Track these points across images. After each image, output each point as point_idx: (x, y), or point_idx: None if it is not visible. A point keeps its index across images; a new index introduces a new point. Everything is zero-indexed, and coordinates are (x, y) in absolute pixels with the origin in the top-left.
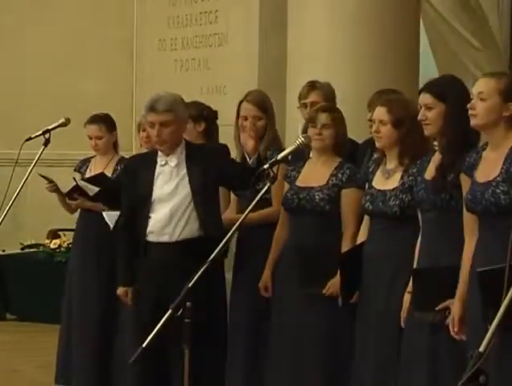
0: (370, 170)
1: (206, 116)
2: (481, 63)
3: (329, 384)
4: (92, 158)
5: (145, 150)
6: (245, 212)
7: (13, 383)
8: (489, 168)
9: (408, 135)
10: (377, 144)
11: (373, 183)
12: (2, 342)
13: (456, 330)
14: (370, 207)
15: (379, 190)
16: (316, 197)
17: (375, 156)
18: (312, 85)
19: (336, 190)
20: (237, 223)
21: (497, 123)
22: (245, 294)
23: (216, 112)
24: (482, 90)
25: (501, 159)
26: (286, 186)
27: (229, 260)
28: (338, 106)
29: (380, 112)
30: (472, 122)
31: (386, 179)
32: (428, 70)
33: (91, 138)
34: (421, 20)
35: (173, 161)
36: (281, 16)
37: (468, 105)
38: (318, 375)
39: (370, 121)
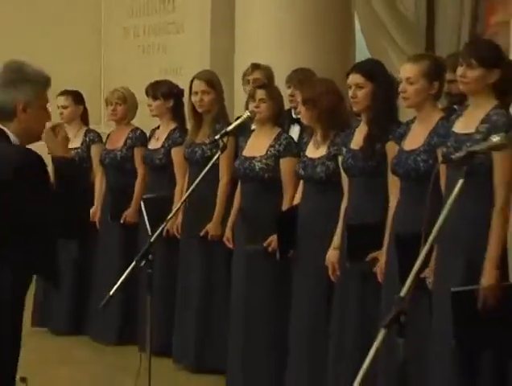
0: (304, 140)
1: (176, 93)
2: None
3: (272, 331)
4: None
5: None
6: (197, 180)
7: None
8: (415, 139)
9: (316, 112)
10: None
11: (306, 153)
12: None
13: (382, 276)
14: (302, 173)
15: (310, 159)
16: (256, 167)
17: (298, 128)
18: (256, 65)
19: (273, 160)
20: (189, 190)
21: (425, 101)
22: None
23: (183, 90)
24: (409, 75)
25: (426, 132)
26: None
27: None
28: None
29: (297, 93)
30: (406, 104)
31: (316, 149)
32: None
33: (58, 108)
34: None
35: None
36: (230, 8)
37: (400, 89)
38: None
39: (291, 96)
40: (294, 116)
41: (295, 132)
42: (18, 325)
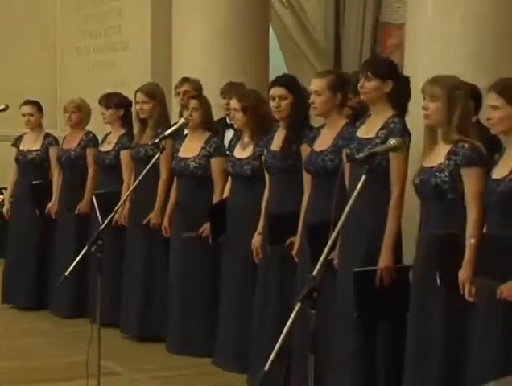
0: (232, 143)
1: (125, 104)
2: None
3: (206, 303)
4: (24, 134)
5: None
6: (140, 176)
7: None
8: (323, 141)
9: (254, 119)
10: (234, 125)
11: (234, 153)
12: None
13: (297, 257)
14: (231, 171)
15: (237, 159)
16: (190, 166)
17: (232, 132)
18: (186, 79)
19: (205, 159)
20: (134, 184)
21: (331, 110)
22: None
23: (131, 101)
24: (316, 88)
25: (333, 136)
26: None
27: None
28: (205, 94)
29: (233, 102)
30: (314, 113)
31: (243, 150)
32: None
33: (24, 116)
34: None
35: None
36: (167, 29)
37: (310, 100)
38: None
39: (227, 105)
40: (228, 122)
41: (229, 136)
42: None
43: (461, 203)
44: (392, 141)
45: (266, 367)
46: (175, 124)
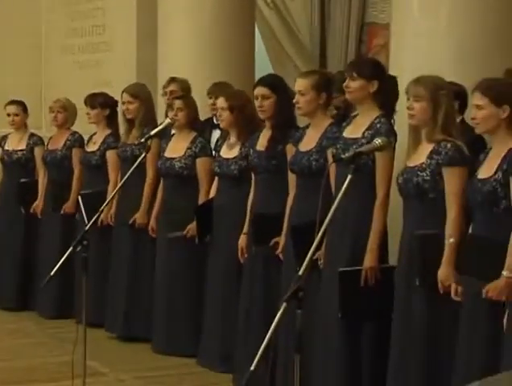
0: (219, 143)
1: (111, 103)
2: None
3: (195, 308)
4: (8, 134)
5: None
6: (126, 175)
7: None
8: (308, 141)
9: (241, 118)
10: (221, 125)
11: (221, 153)
12: None
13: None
14: (218, 171)
15: (224, 159)
16: (176, 166)
17: (218, 132)
18: (173, 79)
19: (191, 159)
20: (120, 184)
21: (315, 110)
22: None
23: (117, 101)
24: (300, 88)
25: (318, 135)
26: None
27: None
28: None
29: (220, 101)
30: (298, 112)
31: (230, 150)
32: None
33: (9, 116)
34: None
35: None
36: (153, 29)
37: (294, 100)
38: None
39: (213, 105)
40: (215, 122)
41: (216, 136)
42: None
43: (442, 202)
44: (377, 141)
45: (252, 367)
46: (161, 124)
